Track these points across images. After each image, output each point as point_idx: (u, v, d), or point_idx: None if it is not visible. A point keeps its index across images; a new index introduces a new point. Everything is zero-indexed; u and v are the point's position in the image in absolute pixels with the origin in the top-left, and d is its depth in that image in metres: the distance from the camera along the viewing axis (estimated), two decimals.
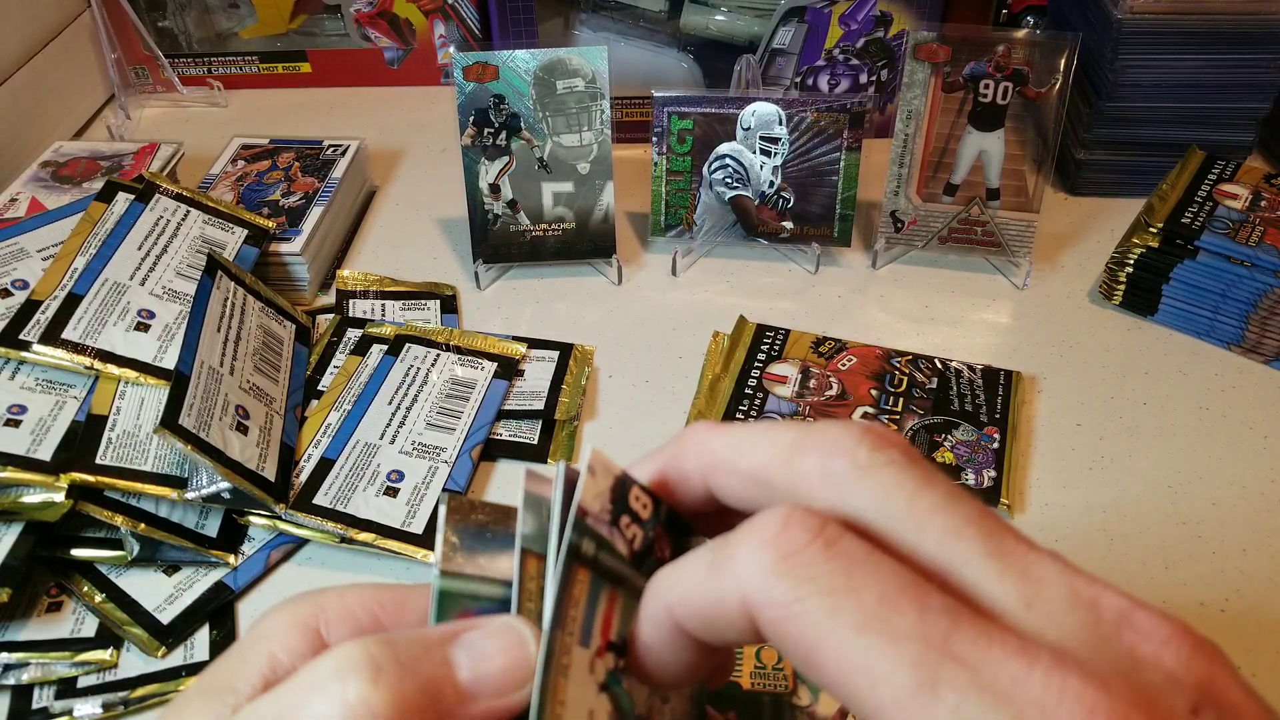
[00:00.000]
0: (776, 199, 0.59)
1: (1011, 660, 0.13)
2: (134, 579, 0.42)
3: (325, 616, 0.18)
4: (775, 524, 0.15)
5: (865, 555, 0.14)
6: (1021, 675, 0.13)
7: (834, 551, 0.14)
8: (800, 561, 0.14)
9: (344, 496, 0.44)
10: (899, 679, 0.13)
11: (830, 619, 0.14)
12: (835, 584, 0.14)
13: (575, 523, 0.16)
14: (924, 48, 0.55)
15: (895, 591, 0.14)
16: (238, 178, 0.62)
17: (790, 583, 0.14)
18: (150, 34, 0.74)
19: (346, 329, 0.54)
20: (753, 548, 0.15)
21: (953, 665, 0.13)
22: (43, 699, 0.38)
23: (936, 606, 0.14)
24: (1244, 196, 0.55)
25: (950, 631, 0.13)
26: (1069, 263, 0.60)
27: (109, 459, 0.42)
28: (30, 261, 0.50)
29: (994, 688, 0.13)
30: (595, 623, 0.16)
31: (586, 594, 0.16)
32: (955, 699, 0.13)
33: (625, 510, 0.17)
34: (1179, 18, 0.58)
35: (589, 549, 0.16)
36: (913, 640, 0.13)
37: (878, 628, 0.14)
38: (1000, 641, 0.13)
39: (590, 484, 0.17)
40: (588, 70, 0.55)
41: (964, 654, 0.13)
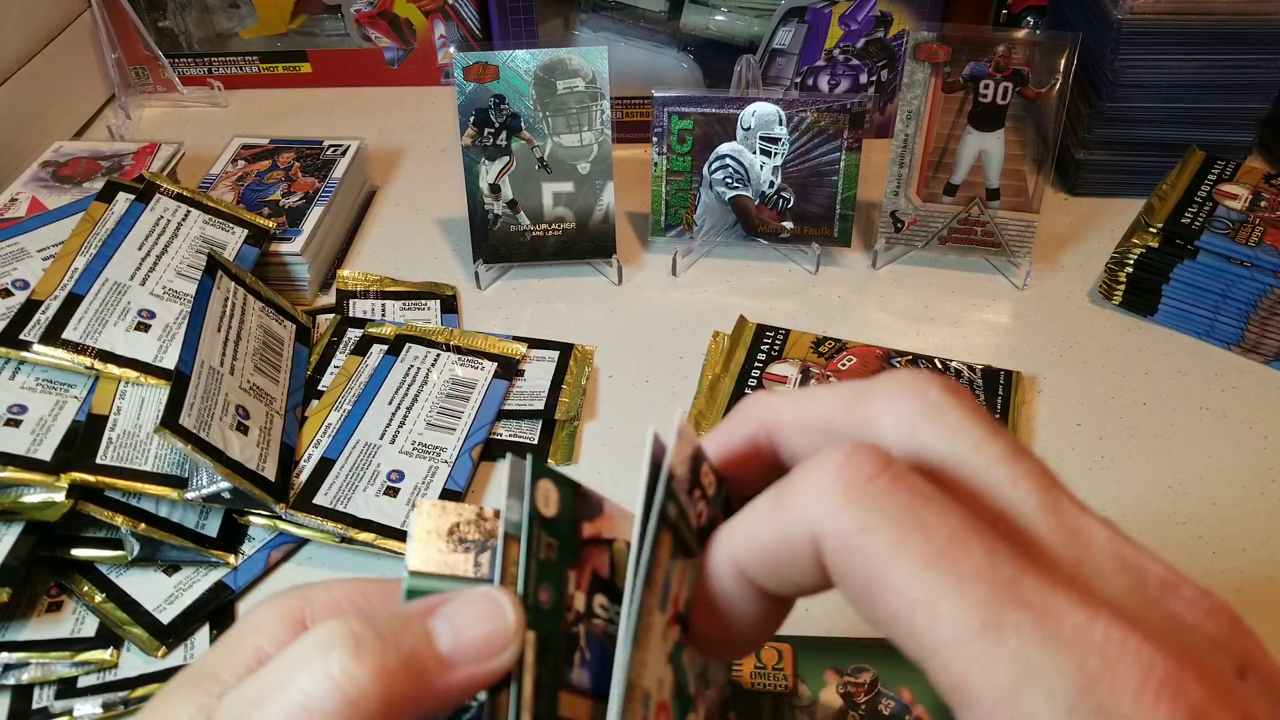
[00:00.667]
0: (776, 199, 0.59)
1: (1076, 610, 0.13)
2: (134, 579, 0.42)
3: (311, 609, 0.19)
4: (841, 455, 0.15)
5: (934, 493, 0.14)
6: (1084, 626, 0.13)
7: (902, 485, 0.14)
8: (868, 492, 0.14)
9: (344, 496, 0.44)
10: (963, 619, 0.13)
11: (897, 552, 0.14)
12: (904, 517, 0.14)
13: (666, 486, 0.16)
14: (924, 48, 0.55)
15: (964, 531, 0.14)
16: (238, 178, 0.62)
17: (857, 511, 0.14)
18: (150, 34, 0.74)
19: (347, 329, 0.54)
20: (819, 476, 0.15)
21: (1018, 610, 0.13)
22: (43, 699, 0.38)
23: (1004, 551, 0.14)
24: (1244, 197, 0.55)
25: (1017, 577, 0.13)
26: (1069, 263, 0.60)
27: (109, 459, 0.42)
28: (30, 261, 0.50)
29: (1057, 635, 0.13)
30: (671, 589, 0.16)
31: (668, 559, 0.16)
32: (1018, 643, 0.13)
33: (697, 484, 0.17)
34: (1179, 18, 0.58)
35: (673, 513, 0.16)
36: (980, 581, 0.13)
37: (945, 566, 0.13)
38: (1065, 591, 0.13)
39: (679, 449, 0.17)
40: (588, 70, 0.55)
41: (1030, 600, 0.13)
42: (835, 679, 0.38)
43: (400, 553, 0.43)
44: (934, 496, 0.14)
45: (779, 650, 0.39)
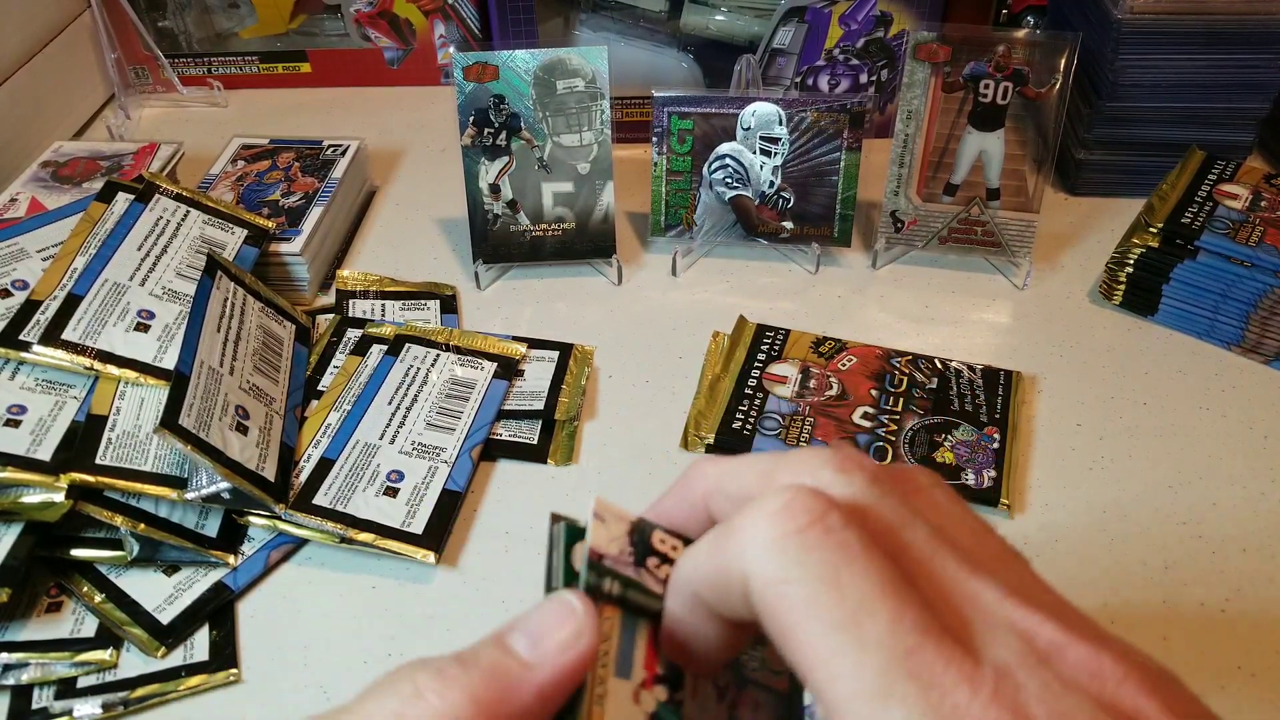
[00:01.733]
0: (776, 199, 0.59)
1: (960, 687, 0.14)
2: (134, 579, 0.42)
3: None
4: (780, 500, 0.16)
5: (859, 551, 0.15)
6: (964, 704, 0.14)
7: (829, 540, 0.15)
8: (795, 543, 0.15)
9: (344, 496, 0.44)
10: (859, 682, 0.14)
11: (810, 608, 0.15)
12: (823, 574, 0.15)
13: (589, 564, 0.17)
14: (924, 48, 0.55)
15: (876, 597, 0.15)
16: (238, 178, 0.62)
17: (781, 561, 0.15)
18: (150, 34, 0.74)
19: (346, 329, 0.54)
20: (754, 519, 0.16)
21: (906, 682, 0.14)
22: (42, 699, 0.38)
23: (909, 620, 0.14)
24: (1244, 196, 0.55)
25: (915, 647, 0.14)
26: (1069, 263, 0.60)
27: (109, 459, 0.42)
28: (30, 262, 0.50)
29: (938, 710, 0.14)
30: (634, 656, 0.18)
31: (618, 629, 0.18)
32: (903, 713, 0.14)
33: (650, 553, 0.18)
34: (1179, 18, 0.58)
35: (612, 588, 0.18)
36: (880, 649, 0.14)
37: (850, 629, 0.14)
38: (956, 666, 0.14)
39: (601, 529, 0.18)
40: (588, 70, 0.55)
41: (920, 673, 0.14)
42: None
43: (400, 553, 0.43)
44: (859, 554, 0.15)
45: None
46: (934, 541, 0.16)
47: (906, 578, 0.15)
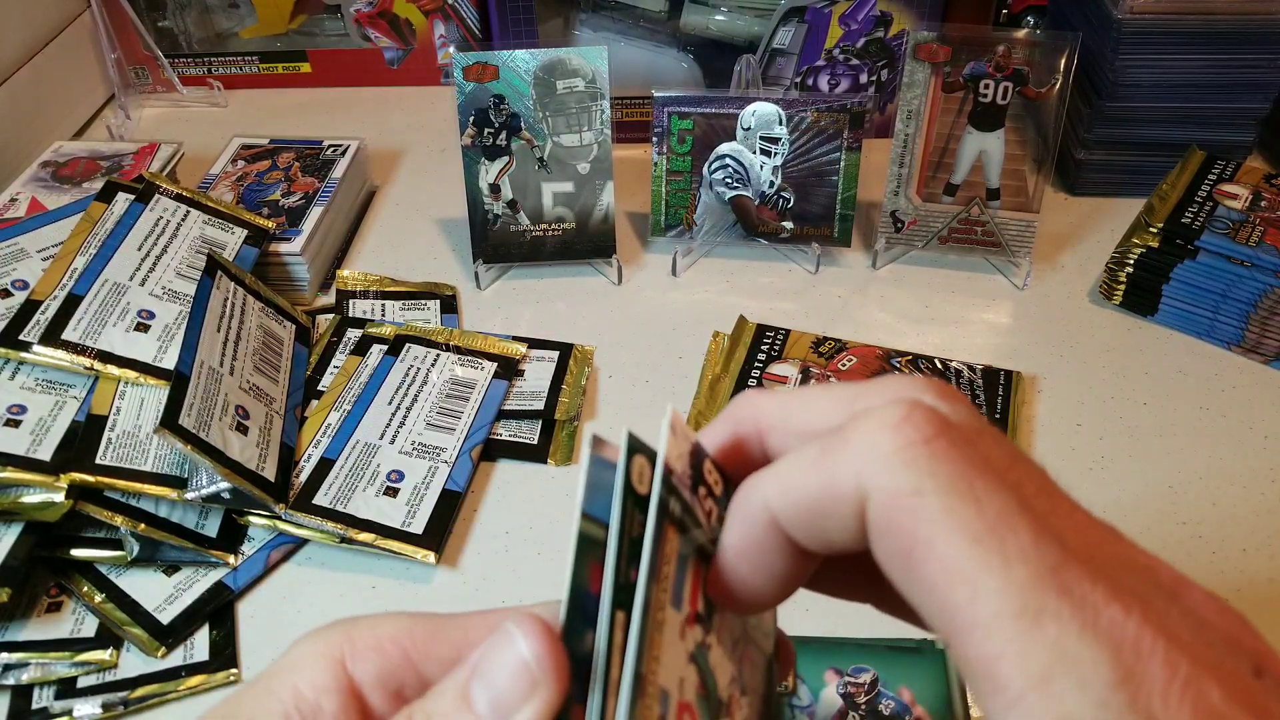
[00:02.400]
0: (777, 199, 0.59)
1: (1113, 604, 0.13)
2: (134, 579, 0.42)
3: (352, 648, 0.18)
4: (899, 412, 0.14)
5: (986, 465, 0.14)
6: (1119, 621, 0.13)
7: (958, 452, 0.14)
8: (925, 453, 0.14)
9: (344, 496, 0.44)
10: (1005, 599, 0.13)
11: (948, 520, 0.14)
12: (957, 486, 0.14)
13: (664, 479, 0.16)
14: (924, 48, 0.55)
15: (1014, 509, 0.14)
16: (238, 178, 0.62)
17: (912, 472, 0.14)
18: (150, 34, 0.74)
19: (346, 329, 0.54)
20: (875, 429, 0.14)
21: (1058, 598, 0.13)
22: (43, 699, 0.38)
23: (1049, 536, 0.13)
24: (1244, 196, 0.55)
25: (1060, 564, 0.13)
26: (1069, 263, 0.60)
27: (109, 459, 0.42)
28: (30, 262, 0.50)
29: (1094, 627, 0.13)
30: (685, 587, 0.16)
31: (676, 554, 0.16)
32: (1057, 631, 0.13)
33: (702, 481, 0.17)
34: (1179, 17, 0.57)
35: (676, 508, 0.16)
36: (1026, 564, 0.13)
37: (993, 542, 0.13)
38: (1104, 584, 0.13)
39: (673, 442, 0.16)
40: (588, 70, 0.55)
41: (1070, 588, 0.13)
42: (835, 679, 0.38)
43: (400, 553, 0.43)
44: (987, 468, 0.14)
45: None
46: (1045, 478, 0.15)
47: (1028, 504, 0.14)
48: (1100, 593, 0.13)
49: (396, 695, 0.18)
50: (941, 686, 0.37)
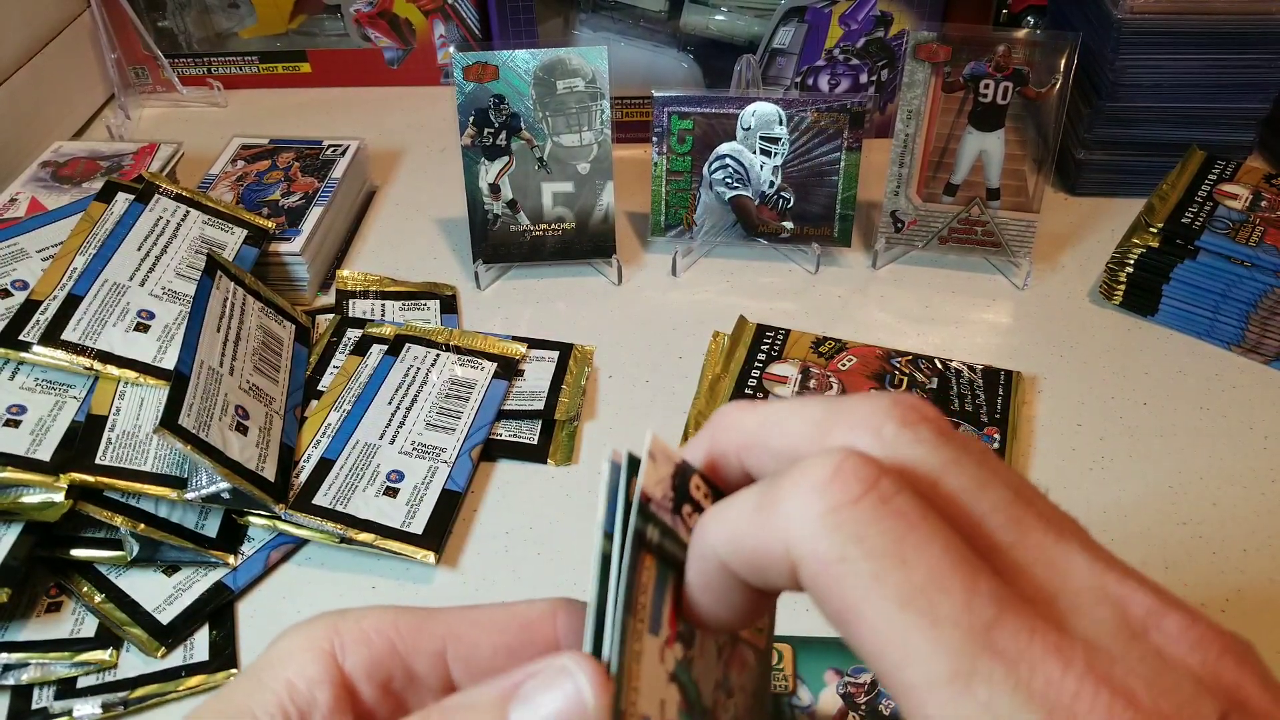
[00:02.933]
0: (777, 199, 0.59)
1: (1049, 660, 0.13)
2: (133, 579, 0.42)
3: (340, 640, 0.18)
4: (827, 470, 0.14)
5: (919, 519, 0.14)
6: (1056, 678, 0.13)
7: (887, 510, 0.14)
8: (850, 516, 0.14)
9: (344, 497, 0.44)
10: (935, 664, 0.13)
11: (874, 587, 0.13)
12: (885, 549, 0.13)
13: (640, 508, 0.16)
14: (924, 47, 0.55)
15: (945, 568, 0.13)
16: (237, 178, 0.62)
17: (837, 539, 0.14)
18: (150, 34, 0.74)
19: (346, 329, 0.54)
20: (802, 493, 0.14)
21: (990, 659, 0.13)
22: (42, 699, 0.38)
23: (984, 591, 0.13)
24: (1244, 196, 0.55)
25: (994, 620, 0.13)
26: (1069, 263, 0.60)
27: (108, 459, 0.42)
28: (30, 262, 0.50)
29: (1029, 687, 0.12)
30: (664, 611, 0.16)
31: (654, 581, 0.16)
32: (988, 694, 0.12)
33: (687, 499, 0.17)
34: (1179, 17, 0.57)
35: (653, 535, 0.16)
36: (956, 626, 0.13)
37: (921, 606, 0.13)
38: (1041, 637, 0.13)
39: (651, 470, 0.16)
40: (588, 70, 0.55)
41: (1003, 648, 0.13)
42: (835, 679, 0.38)
43: (400, 553, 0.43)
44: (919, 522, 0.14)
45: (779, 650, 0.39)
46: (1016, 506, 0.14)
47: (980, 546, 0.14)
48: (1039, 646, 0.13)
49: (384, 687, 0.18)
50: None
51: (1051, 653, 0.13)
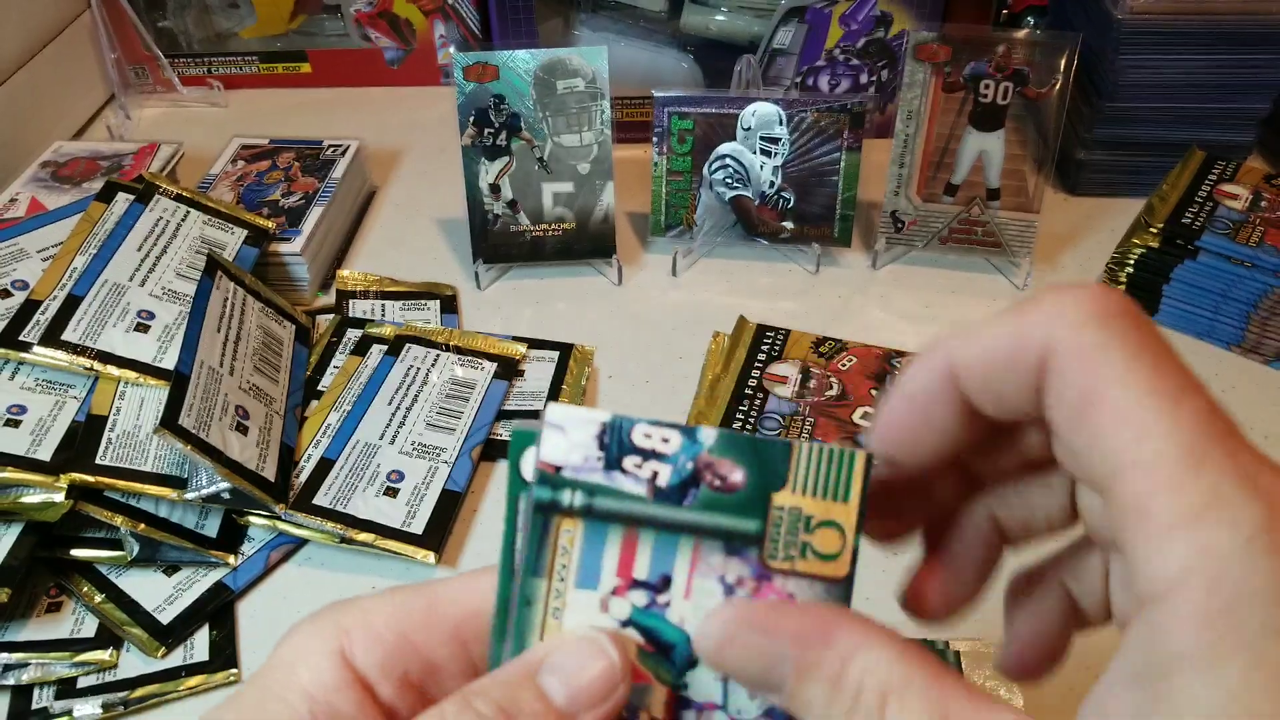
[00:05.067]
0: (777, 199, 0.59)
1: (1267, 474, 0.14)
2: (133, 579, 0.42)
3: (350, 640, 0.18)
4: (1092, 288, 0.16)
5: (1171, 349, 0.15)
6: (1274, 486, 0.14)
7: (1145, 329, 0.15)
8: (1114, 321, 0.15)
9: (344, 497, 0.44)
10: (1170, 443, 0.14)
11: (1127, 372, 0.15)
12: (1142, 348, 0.15)
13: (542, 478, 0.17)
14: (924, 48, 0.55)
15: (1194, 384, 0.15)
16: (237, 178, 0.62)
17: (1100, 332, 0.15)
18: (150, 34, 0.74)
19: (346, 329, 0.54)
20: (1070, 297, 0.15)
21: (1222, 454, 0.14)
22: (42, 699, 0.38)
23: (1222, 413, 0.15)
24: (1244, 197, 0.55)
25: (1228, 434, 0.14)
26: (1069, 263, 0.60)
27: (109, 459, 0.42)
28: (30, 262, 0.50)
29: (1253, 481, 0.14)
30: (603, 565, 0.17)
31: (580, 540, 0.17)
32: (1215, 477, 0.14)
33: (630, 451, 0.18)
34: (1179, 18, 0.57)
35: (574, 499, 0.17)
36: (1196, 420, 0.14)
37: (1167, 396, 0.14)
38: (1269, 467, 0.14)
39: (557, 438, 0.17)
40: (588, 70, 0.55)
41: (1236, 452, 0.14)
42: None
43: (400, 553, 0.43)
44: (1170, 350, 0.15)
45: None
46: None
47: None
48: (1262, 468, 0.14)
49: (403, 681, 0.18)
50: None
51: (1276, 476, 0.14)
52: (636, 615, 0.18)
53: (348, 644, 0.18)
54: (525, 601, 0.17)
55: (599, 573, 0.17)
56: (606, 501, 0.17)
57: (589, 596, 0.17)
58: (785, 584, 0.18)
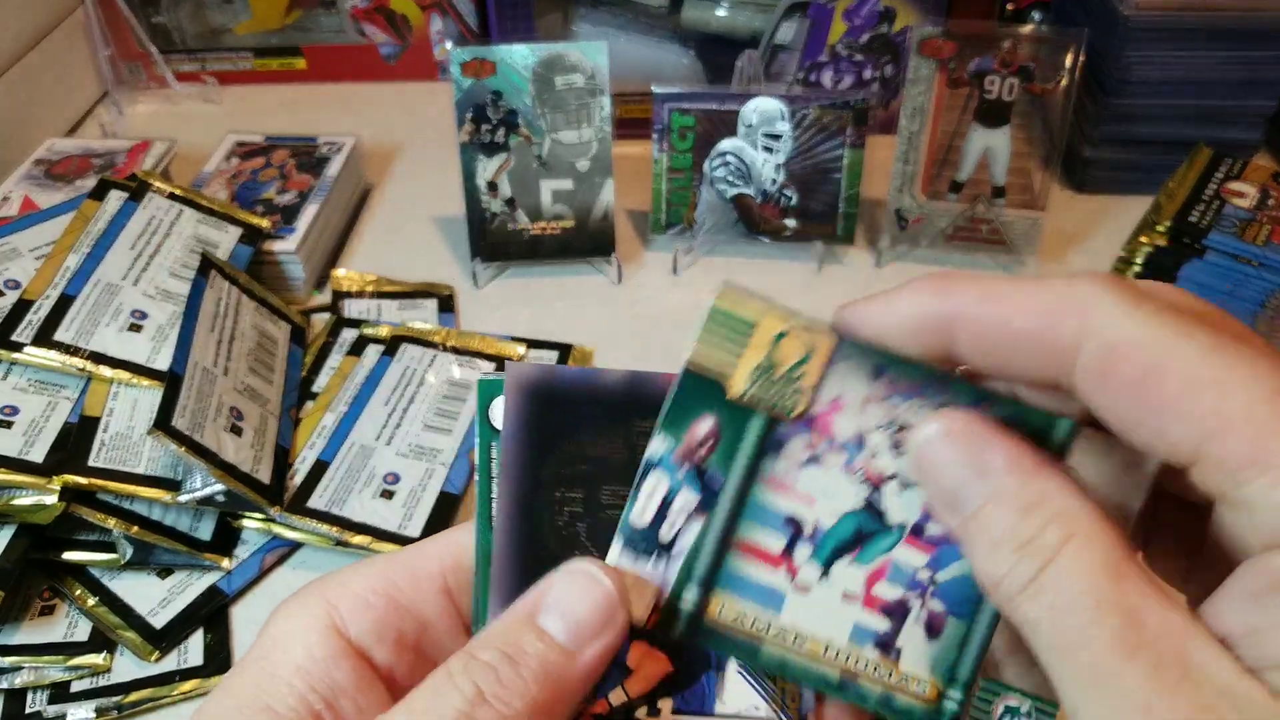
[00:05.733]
0: (779, 196, 0.58)
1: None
2: (127, 582, 0.41)
3: (338, 612, 0.18)
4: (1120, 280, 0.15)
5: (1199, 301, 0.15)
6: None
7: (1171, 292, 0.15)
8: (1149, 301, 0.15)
9: (339, 499, 0.44)
10: (1257, 389, 0.14)
11: (1182, 342, 0.14)
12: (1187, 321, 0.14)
13: (485, 421, 0.18)
14: (929, 43, 0.54)
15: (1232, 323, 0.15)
16: (232, 175, 0.61)
17: (1142, 311, 0.15)
18: (144, 30, 0.73)
19: (342, 329, 0.54)
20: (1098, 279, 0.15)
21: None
22: (36, 703, 0.38)
23: (1265, 342, 0.15)
24: (1251, 195, 0.54)
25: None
26: (1075, 261, 0.60)
27: (102, 461, 0.41)
28: (23, 261, 0.49)
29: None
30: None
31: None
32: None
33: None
34: (1186, 14, 0.57)
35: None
36: (1262, 360, 0.14)
37: (1230, 350, 0.14)
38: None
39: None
40: (587, 66, 0.54)
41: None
42: None
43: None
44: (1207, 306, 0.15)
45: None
46: None
47: None
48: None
49: (399, 643, 0.18)
50: None
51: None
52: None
53: (336, 616, 0.18)
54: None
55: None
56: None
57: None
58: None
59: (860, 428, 0.17)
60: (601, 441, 0.18)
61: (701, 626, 0.17)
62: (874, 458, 0.17)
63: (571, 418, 0.18)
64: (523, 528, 0.18)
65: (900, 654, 0.17)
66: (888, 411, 0.17)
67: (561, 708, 0.17)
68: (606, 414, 0.18)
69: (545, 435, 0.18)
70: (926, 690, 0.17)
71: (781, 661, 0.17)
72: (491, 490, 0.18)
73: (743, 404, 0.18)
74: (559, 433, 0.18)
